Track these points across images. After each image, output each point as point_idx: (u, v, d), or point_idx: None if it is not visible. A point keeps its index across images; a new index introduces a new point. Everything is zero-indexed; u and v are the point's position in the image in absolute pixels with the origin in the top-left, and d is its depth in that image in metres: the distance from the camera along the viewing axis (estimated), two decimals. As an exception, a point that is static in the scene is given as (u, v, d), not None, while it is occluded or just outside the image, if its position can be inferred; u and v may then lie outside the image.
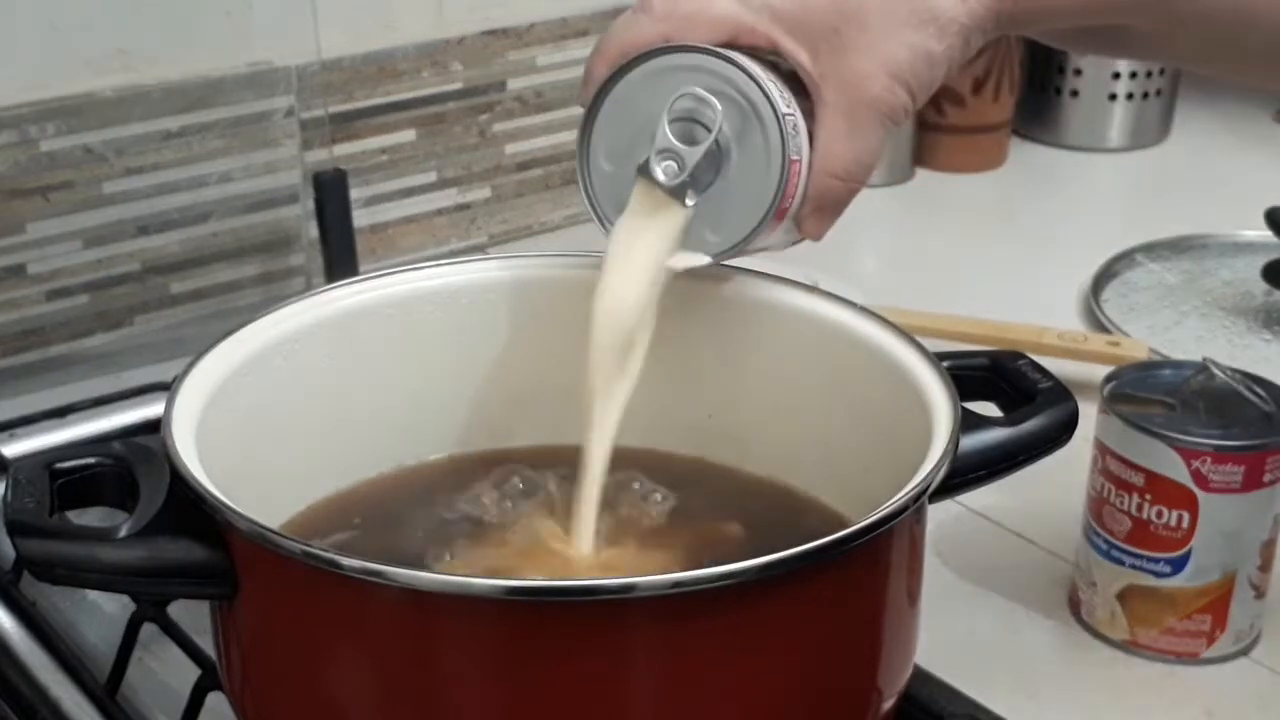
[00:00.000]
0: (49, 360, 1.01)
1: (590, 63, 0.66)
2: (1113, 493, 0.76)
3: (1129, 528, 0.76)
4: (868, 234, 1.27)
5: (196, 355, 0.66)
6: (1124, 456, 0.75)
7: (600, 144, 0.66)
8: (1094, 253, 1.16)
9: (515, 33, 1.16)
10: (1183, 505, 0.74)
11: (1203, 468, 0.73)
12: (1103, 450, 0.76)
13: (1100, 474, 0.77)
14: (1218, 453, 0.73)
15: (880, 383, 0.67)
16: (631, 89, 0.65)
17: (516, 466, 0.71)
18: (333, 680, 0.58)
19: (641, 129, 0.65)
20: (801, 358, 0.71)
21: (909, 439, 0.62)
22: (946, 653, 0.70)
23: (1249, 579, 0.76)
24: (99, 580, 0.59)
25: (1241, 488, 0.74)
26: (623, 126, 0.65)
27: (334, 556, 0.54)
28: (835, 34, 0.63)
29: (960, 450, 0.60)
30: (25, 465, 0.60)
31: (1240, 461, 0.73)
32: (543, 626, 0.54)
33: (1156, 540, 0.75)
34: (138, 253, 1.02)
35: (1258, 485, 0.74)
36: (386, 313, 0.72)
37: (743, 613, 0.55)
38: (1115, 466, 0.75)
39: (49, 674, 0.72)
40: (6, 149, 0.96)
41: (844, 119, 0.64)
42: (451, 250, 1.18)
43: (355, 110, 1.10)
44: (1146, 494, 0.74)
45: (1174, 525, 0.74)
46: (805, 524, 0.69)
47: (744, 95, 0.63)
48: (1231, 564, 0.75)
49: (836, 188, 0.65)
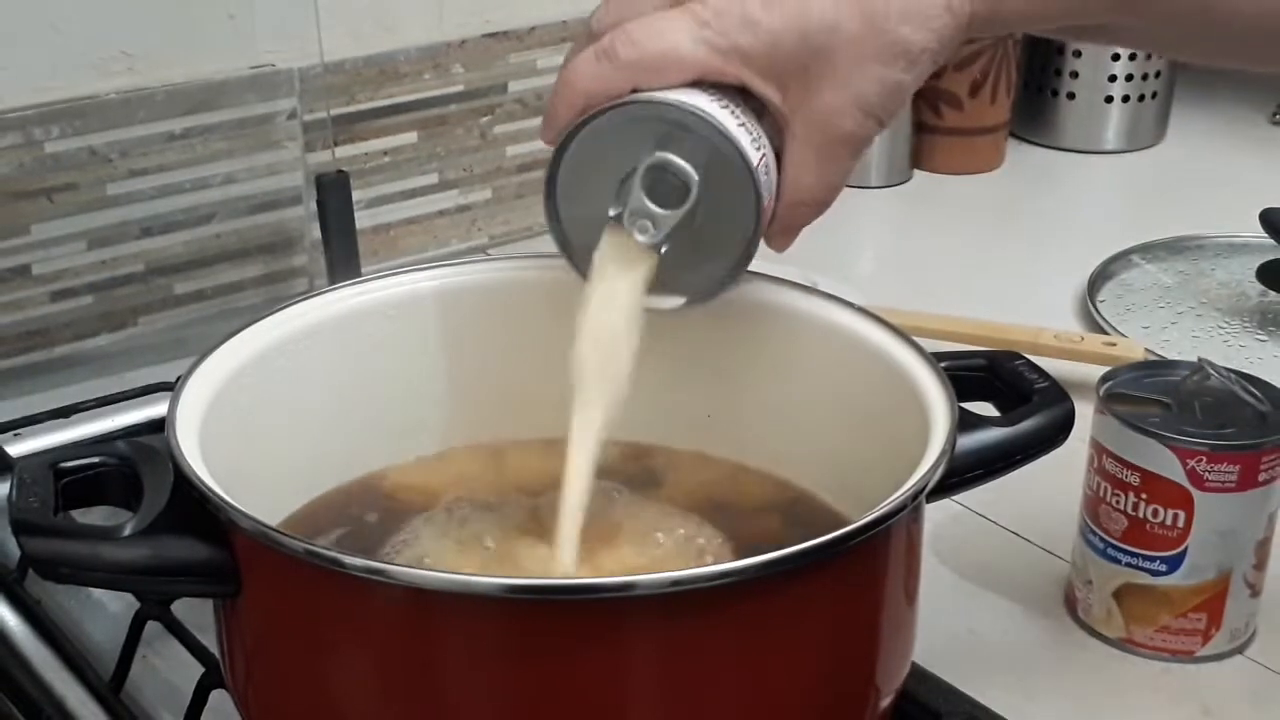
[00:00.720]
0: (53, 360, 1.01)
1: (554, 105, 0.64)
2: (1109, 492, 0.76)
3: (1125, 526, 0.76)
4: (866, 235, 1.28)
5: (200, 355, 0.66)
6: (1120, 456, 0.75)
7: (568, 187, 0.65)
8: (1090, 254, 1.17)
9: (516, 35, 1.16)
10: (1179, 504, 0.74)
11: (1198, 467, 0.73)
12: (1099, 450, 0.77)
13: (1096, 473, 0.77)
14: (1213, 452, 0.73)
15: (878, 383, 0.67)
16: (599, 136, 0.63)
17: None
18: (335, 678, 0.58)
19: (611, 174, 0.64)
20: (800, 358, 0.71)
21: (906, 439, 0.62)
22: (944, 651, 0.70)
23: (1244, 577, 0.76)
24: (103, 579, 0.59)
25: (1237, 487, 0.74)
26: (590, 171, 0.64)
27: (337, 555, 0.54)
28: (804, 71, 0.62)
29: (957, 450, 0.61)
30: (30, 465, 0.60)
31: (1235, 461, 0.73)
32: (544, 625, 0.54)
33: (1152, 539, 0.75)
34: (141, 254, 1.03)
35: (1253, 484, 0.74)
36: (388, 314, 0.72)
37: (741, 611, 0.55)
38: (1111, 466, 0.76)
39: (54, 672, 0.72)
40: (11, 151, 0.96)
41: (813, 153, 0.64)
42: (453, 251, 1.18)
43: (357, 112, 1.10)
44: (1142, 493, 0.75)
45: (1170, 524, 0.75)
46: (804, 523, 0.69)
47: (716, 149, 0.62)
48: (1226, 563, 0.76)
49: (804, 213, 0.66)
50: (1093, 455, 0.77)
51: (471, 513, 0.69)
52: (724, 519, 0.69)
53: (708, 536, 0.68)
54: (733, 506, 0.71)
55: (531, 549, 0.65)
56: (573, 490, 0.63)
